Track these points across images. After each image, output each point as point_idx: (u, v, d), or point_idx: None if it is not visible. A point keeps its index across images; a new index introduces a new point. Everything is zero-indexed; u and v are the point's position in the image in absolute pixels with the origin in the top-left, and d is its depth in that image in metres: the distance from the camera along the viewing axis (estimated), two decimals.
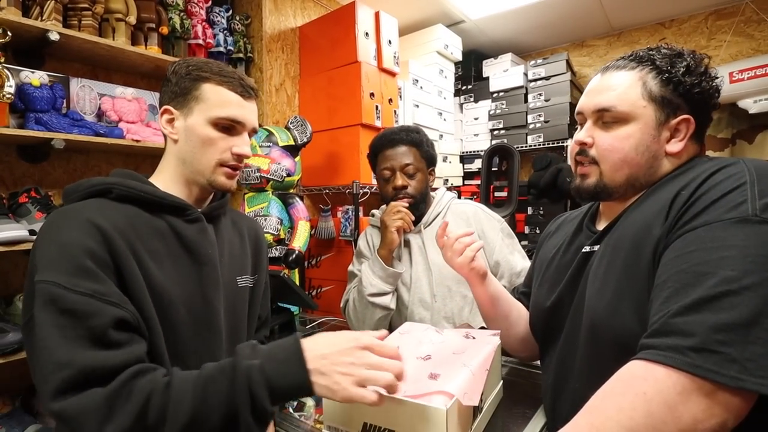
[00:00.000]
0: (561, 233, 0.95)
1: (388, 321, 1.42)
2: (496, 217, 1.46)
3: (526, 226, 3.10)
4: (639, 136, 0.73)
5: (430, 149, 1.45)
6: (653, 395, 0.51)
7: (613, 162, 0.75)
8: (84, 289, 0.63)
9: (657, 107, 0.72)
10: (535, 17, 3.06)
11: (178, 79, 0.83)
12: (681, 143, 0.73)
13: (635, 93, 0.73)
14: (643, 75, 0.74)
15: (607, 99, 0.75)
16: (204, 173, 0.84)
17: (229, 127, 0.84)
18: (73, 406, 0.58)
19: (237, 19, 2.17)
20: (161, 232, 0.78)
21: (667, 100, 0.72)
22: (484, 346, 0.86)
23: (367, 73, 2.15)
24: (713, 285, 0.53)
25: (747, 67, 2.61)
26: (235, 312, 0.89)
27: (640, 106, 0.73)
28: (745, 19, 2.88)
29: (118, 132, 1.57)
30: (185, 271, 0.79)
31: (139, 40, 1.72)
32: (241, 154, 0.85)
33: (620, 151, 0.74)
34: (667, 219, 0.64)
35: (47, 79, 1.44)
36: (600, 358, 0.71)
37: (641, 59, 0.75)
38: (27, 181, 1.55)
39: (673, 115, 0.73)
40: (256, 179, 1.69)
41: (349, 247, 2.11)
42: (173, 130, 0.83)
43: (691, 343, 0.51)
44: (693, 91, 0.72)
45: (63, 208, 0.73)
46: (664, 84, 0.72)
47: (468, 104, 3.51)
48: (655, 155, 0.73)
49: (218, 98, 0.82)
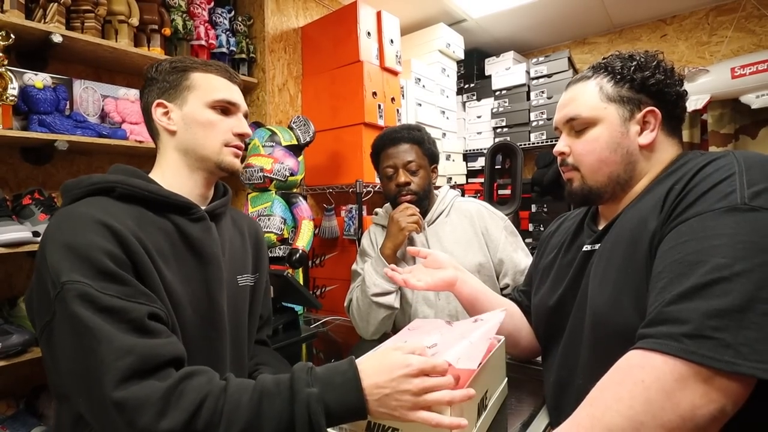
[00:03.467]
0: (562, 232, 0.98)
1: (392, 320, 1.42)
2: (500, 215, 1.46)
3: (530, 223, 3.09)
4: (607, 134, 0.78)
5: (432, 147, 1.45)
6: (651, 383, 0.52)
7: (589, 164, 0.80)
8: (113, 292, 0.63)
9: (618, 106, 0.78)
10: (537, 15, 3.05)
11: (163, 75, 0.84)
12: (652, 134, 0.76)
13: (595, 98, 0.79)
14: (599, 81, 0.80)
15: (572, 109, 0.82)
16: (211, 156, 0.85)
17: (225, 110, 0.86)
18: (136, 396, 0.58)
19: (239, 19, 2.17)
20: (166, 231, 0.78)
21: (625, 97, 0.77)
22: (489, 322, 0.86)
23: (370, 72, 2.15)
24: (705, 272, 0.54)
25: (749, 62, 2.60)
26: (236, 311, 0.89)
27: (602, 108, 0.78)
28: (746, 14, 2.87)
29: (121, 133, 1.58)
30: (191, 271, 0.79)
31: (142, 42, 1.72)
32: (243, 133, 0.88)
33: (593, 152, 0.79)
34: (662, 212, 0.66)
35: (50, 81, 1.44)
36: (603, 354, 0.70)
37: (596, 68, 0.82)
38: (30, 183, 1.56)
39: (637, 109, 0.77)
40: (259, 179, 1.69)
41: (352, 247, 2.11)
42: (170, 122, 0.84)
43: (685, 330, 0.52)
44: (648, 83, 0.76)
45: (66, 209, 0.72)
46: (619, 84, 0.78)
47: (470, 102, 3.51)
48: (629, 151, 0.77)
49: (209, 84, 0.85)
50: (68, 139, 1.40)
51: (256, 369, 0.95)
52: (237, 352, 0.88)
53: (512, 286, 1.37)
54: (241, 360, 0.89)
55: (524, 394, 1.00)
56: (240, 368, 0.89)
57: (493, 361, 0.86)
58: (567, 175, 0.85)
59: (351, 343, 1.54)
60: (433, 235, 1.42)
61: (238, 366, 0.88)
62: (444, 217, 1.45)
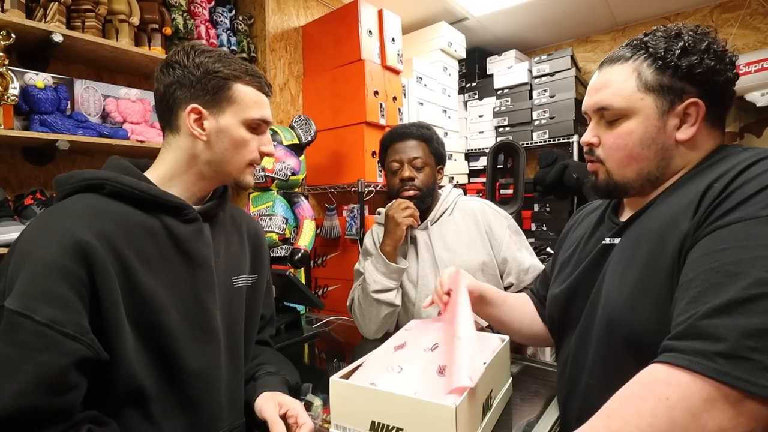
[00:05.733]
0: (584, 225, 0.93)
1: (395, 318, 1.41)
2: (504, 214, 1.45)
3: (533, 223, 3.08)
4: (642, 130, 0.70)
5: (439, 147, 1.46)
6: (676, 401, 0.48)
7: (618, 160, 0.73)
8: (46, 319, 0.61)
9: (657, 96, 0.69)
10: (539, 13, 3.04)
11: (203, 75, 0.78)
12: (692, 128, 0.68)
13: (630, 87, 0.70)
14: (638, 65, 0.70)
15: (604, 97, 0.73)
16: (233, 174, 0.83)
17: (256, 127, 0.84)
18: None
19: (240, 19, 2.17)
20: (154, 232, 0.75)
21: (666, 87, 0.68)
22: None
23: (371, 71, 2.15)
24: (746, 286, 0.49)
25: (754, 59, 2.59)
26: (231, 313, 0.87)
27: (638, 99, 0.70)
28: (751, 11, 2.86)
29: (122, 133, 1.57)
30: (177, 274, 0.77)
31: (143, 41, 1.71)
32: (269, 153, 0.86)
33: (624, 148, 0.72)
34: (696, 213, 0.60)
35: (51, 81, 1.44)
36: (613, 355, 0.69)
37: (636, 48, 0.72)
38: (32, 183, 1.55)
39: (679, 100, 0.68)
40: (260, 178, 1.68)
41: (354, 246, 2.10)
42: (203, 132, 0.79)
43: (720, 348, 0.48)
44: (694, 72, 0.67)
45: (48, 211, 0.70)
46: (660, 71, 0.68)
47: (472, 102, 3.50)
48: (664, 146, 0.70)
49: (251, 99, 0.81)
50: (69, 139, 1.40)
51: (258, 368, 0.94)
52: (232, 355, 0.86)
53: (516, 285, 1.35)
54: (237, 362, 0.87)
55: (529, 393, 1.00)
56: (236, 371, 0.87)
57: (497, 360, 0.85)
58: (592, 166, 0.78)
59: (353, 343, 1.53)
60: (436, 234, 1.41)
61: (234, 368, 0.86)
62: (447, 215, 1.44)
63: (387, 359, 0.82)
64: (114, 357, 0.68)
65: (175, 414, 0.75)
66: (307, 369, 1.35)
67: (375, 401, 0.71)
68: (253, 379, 0.91)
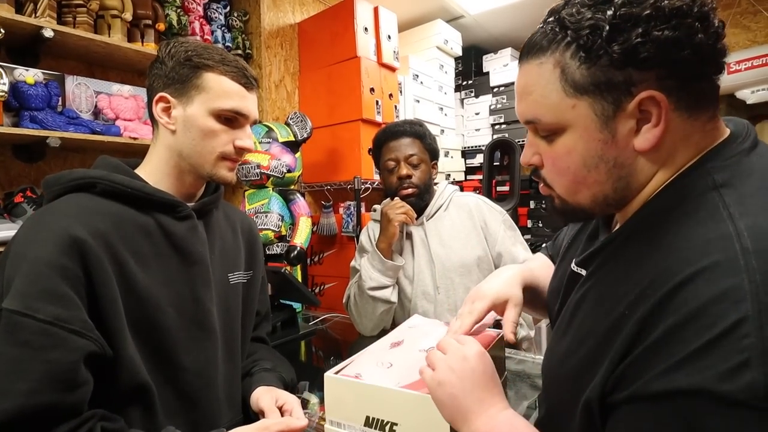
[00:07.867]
0: None
1: (391, 315, 1.41)
2: (498, 209, 1.46)
3: (529, 219, 3.09)
4: (582, 146, 0.50)
5: (432, 142, 1.46)
6: None
7: (565, 186, 0.55)
8: (48, 317, 0.60)
9: (593, 99, 0.48)
10: (535, 11, 3.03)
11: (175, 64, 0.76)
12: (655, 130, 0.47)
13: (555, 91, 0.50)
14: (559, 58, 0.49)
15: (527, 108, 0.54)
16: (204, 166, 0.79)
17: (232, 119, 0.79)
18: None
19: (235, 15, 2.15)
20: (148, 230, 0.74)
21: (602, 83, 0.47)
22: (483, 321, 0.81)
23: (367, 68, 2.14)
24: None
25: (744, 58, 2.62)
26: (228, 310, 0.86)
27: (568, 107, 0.49)
28: (741, 10, 2.88)
29: (115, 130, 1.56)
30: (173, 271, 0.76)
31: (136, 37, 1.70)
32: (244, 148, 0.81)
33: (566, 172, 0.53)
34: (621, 334, 0.44)
35: (42, 77, 1.42)
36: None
37: (552, 31, 0.50)
38: (22, 181, 1.53)
39: (627, 96, 0.47)
40: (256, 176, 1.67)
41: (351, 244, 2.10)
42: (170, 120, 0.77)
43: None
44: (639, 54, 0.44)
45: (41, 213, 0.69)
46: (589, 62, 0.46)
47: (469, 99, 3.50)
48: (617, 163, 0.50)
49: (221, 89, 0.77)
50: (61, 136, 1.38)
51: (254, 365, 0.93)
52: (229, 352, 0.85)
53: None
54: (234, 359, 0.87)
55: (524, 388, 0.99)
56: (233, 367, 0.86)
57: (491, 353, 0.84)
58: (543, 190, 0.59)
59: (350, 340, 1.53)
60: (432, 230, 1.41)
61: (230, 365, 0.86)
62: (443, 211, 1.44)
63: (380, 355, 0.81)
64: (116, 354, 0.67)
65: (174, 410, 0.75)
66: (304, 366, 1.35)
67: (369, 396, 0.70)
68: (249, 374, 0.90)
